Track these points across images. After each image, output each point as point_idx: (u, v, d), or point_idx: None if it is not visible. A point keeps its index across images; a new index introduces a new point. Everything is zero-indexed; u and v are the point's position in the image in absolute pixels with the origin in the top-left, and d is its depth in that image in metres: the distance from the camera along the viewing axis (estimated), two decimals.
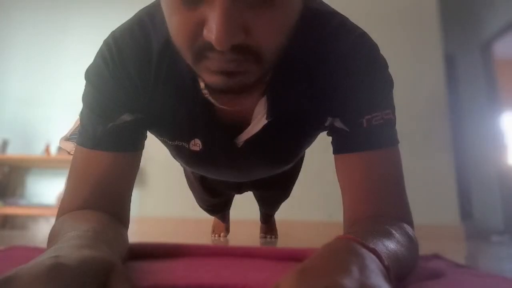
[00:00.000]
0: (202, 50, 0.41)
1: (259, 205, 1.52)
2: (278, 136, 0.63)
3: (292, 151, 0.72)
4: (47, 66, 3.29)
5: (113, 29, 0.59)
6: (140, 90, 0.57)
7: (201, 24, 0.39)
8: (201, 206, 1.40)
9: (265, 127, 0.59)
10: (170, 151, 0.73)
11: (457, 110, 3.49)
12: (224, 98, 0.53)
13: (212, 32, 0.37)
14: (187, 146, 0.64)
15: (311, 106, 0.58)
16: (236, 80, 0.43)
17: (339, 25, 0.57)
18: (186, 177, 1.27)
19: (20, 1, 3.47)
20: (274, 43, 0.42)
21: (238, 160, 0.69)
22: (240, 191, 1.23)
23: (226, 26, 0.36)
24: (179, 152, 0.68)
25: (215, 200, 1.33)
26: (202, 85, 0.54)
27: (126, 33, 0.56)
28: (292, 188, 1.29)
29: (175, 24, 0.41)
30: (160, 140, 0.67)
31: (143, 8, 0.59)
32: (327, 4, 0.60)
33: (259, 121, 0.59)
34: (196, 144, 0.64)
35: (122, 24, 0.59)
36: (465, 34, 3.78)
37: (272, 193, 1.34)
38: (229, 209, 1.59)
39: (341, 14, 0.59)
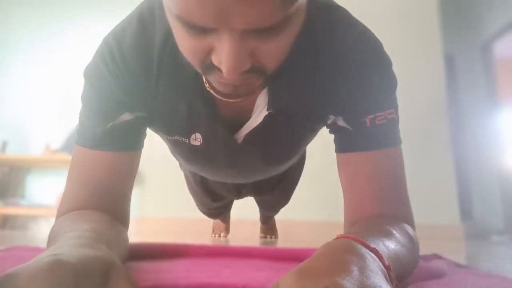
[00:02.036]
0: (211, 68, 0.42)
1: (260, 208, 1.52)
2: (278, 131, 0.62)
3: (291, 147, 0.72)
4: (47, 66, 3.29)
5: (113, 27, 0.59)
6: (141, 87, 0.56)
7: (209, 50, 0.40)
8: (201, 210, 1.40)
9: (265, 121, 0.59)
10: (169, 147, 0.73)
11: (457, 110, 3.50)
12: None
13: (221, 64, 0.39)
14: (187, 141, 0.64)
15: (313, 101, 0.58)
16: (242, 89, 0.45)
17: (342, 18, 0.56)
18: (186, 181, 1.27)
19: (20, 1, 3.47)
20: (280, 60, 0.43)
21: (238, 157, 0.68)
22: (240, 196, 1.23)
23: (236, 60, 0.38)
24: (180, 148, 0.67)
25: (215, 204, 1.32)
26: (204, 79, 0.54)
27: (127, 30, 0.56)
28: (292, 194, 1.29)
29: (182, 45, 0.43)
30: (161, 135, 0.67)
31: (142, 3, 0.59)
32: None
33: (260, 113, 0.58)
34: (196, 139, 0.63)
35: (121, 21, 0.58)
36: (465, 34, 3.78)
37: (272, 198, 1.34)
38: (229, 211, 1.59)
39: (343, 8, 0.58)
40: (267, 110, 0.57)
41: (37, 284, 0.26)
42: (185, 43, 0.41)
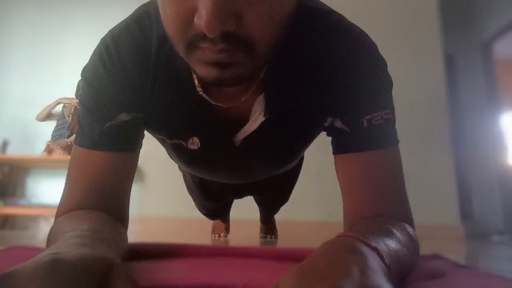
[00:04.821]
0: (194, 40, 0.40)
1: (259, 208, 1.52)
2: (276, 136, 0.63)
3: (290, 151, 0.72)
4: (47, 66, 3.29)
5: (112, 27, 0.59)
6: (138, 88, 0.56)
7: (192, 12, 0.38)
8: (200, 211, 1.40)
9: (263, 126, 0.59)
10: (168, 151, 0.73)
11: (457, 110, 3.49)
12: (218, 92, 0.53)
13: (202, 18, 0.37)
14: (185, 145, 0.64)
15: (310, 105, 0.58)
16: (229, 72, 0.42)
17: (337, 23, 0.56)
18: (185, 183, 1.26)
19: (20, 1, 3.47)
20: (267, 33, 0.41)
21: (237, 160, 0.69)
22: (239, 196, 1.23)
23: (216, 12, 0.36)
24: (178, 151, 0.67)
25: (214, 205, 1.32)
26: (196, 82, 0.54)
27: (124, 31, 0.56)
28: (291, 192, 1.29)
29: (167, 14, 0.41)
30: (158, 138, 0.67)
31: (141, 6, 0.59)
32: (323, 3, 0.60)
33: (257, 118, 0.58)
34: (194, 143, 0.63)
35: (119, 23, 0.58)
36: (465, 34, 3.78)
37: (271, 198, 1.34)
38: (229, 212, 1.59)
39: (338, 13, 0.59)
40: (264, 116, 0.57)
41: (36, 283, 0.26)
42: (169, 7, 0.40)
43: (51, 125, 3.10)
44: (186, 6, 0.38)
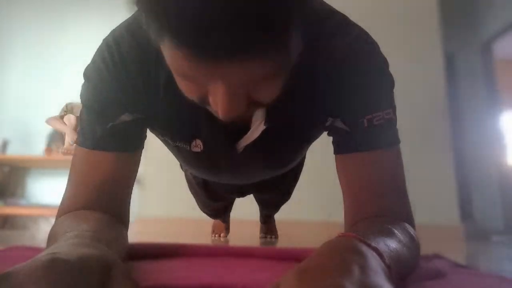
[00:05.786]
0: (208, 104, 0.42)
1: (260, 206, 1.52)
2: (278, 139, 0.63)
3: (292, 152, 0.72)
4: (47, 66, 3.29)
5: (113, 28, 0.59)
6: (141, 90, 0.56)
7: (206, 92, 0.39)
8: (202, 210, 1.40)
9: (264, 132, 0.59)
10: (171, 151, 0.73)
11: (457, 110, 3.49)
12: None
13: (217, 107, 0.38)
14: (188, 148, 0.64)
15: (311, 107, 0.58)
16: (239, 119, 0.43)
17: (339, 23, 0.57)
18: (187, 182, 1.27)
19: (20, 1, 3.47)
20: (276, 95, 0.42)
21: (239, 162, 0.69)
22: (242, 195, 1.23)
23: (232, 106, 0.37)
24: (181, 153, 0.68)
25: (217, 204, 1.33)
26: None
27: (126, 32, 0.56)
28: (293, 191, 1.30)
29: (178, 83, 0.42)
30: (162, 140, 0.67)
31: None
32: (326, 3, 0.60)
33: (257, 127, 0.58)
34: (197, 145, 0.63)
35: (122, 23, 0.58)
36: (465, 34, 3.78)
37: (273, 196, 1.34)
38: (230, 212, 1.59)
39: (341, 13, 0.59)
40: (265, 125, 0.58)
41: (35, 282, 0.26)
42: (180, 84, 0.42)
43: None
44: (199, 87, 0.39)
